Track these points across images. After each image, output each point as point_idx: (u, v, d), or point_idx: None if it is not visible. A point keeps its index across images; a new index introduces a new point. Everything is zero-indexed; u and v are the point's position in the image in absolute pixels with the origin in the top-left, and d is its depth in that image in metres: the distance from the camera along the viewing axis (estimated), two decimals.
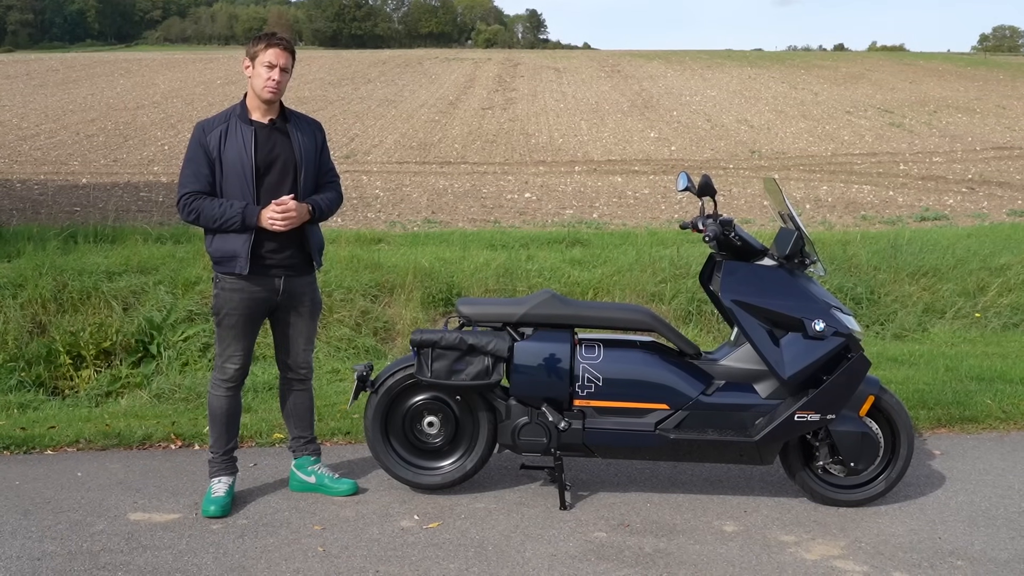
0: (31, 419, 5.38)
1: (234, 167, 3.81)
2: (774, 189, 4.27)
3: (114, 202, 14.06)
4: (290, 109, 4.02)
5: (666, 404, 3.95)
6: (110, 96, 32.59)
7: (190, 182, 3.83)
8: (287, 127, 3.93)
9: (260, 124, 3.88)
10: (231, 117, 3.88)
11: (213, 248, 3.89)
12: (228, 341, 3.95)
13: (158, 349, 7.66)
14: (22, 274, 8.25)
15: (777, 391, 3.95)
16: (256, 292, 3.90)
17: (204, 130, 3.86)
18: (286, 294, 3.96)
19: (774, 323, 3.89)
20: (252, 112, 3.90)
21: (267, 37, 3.90)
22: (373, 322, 8.26)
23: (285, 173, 3.88)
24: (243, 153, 3.81)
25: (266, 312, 4.00)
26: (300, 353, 4.11)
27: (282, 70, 3.85)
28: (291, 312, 4.03)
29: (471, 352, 3.91)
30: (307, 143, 3.95)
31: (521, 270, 9.07)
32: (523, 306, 4.05)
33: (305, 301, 4.04)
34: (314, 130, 4.05)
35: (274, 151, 3.86)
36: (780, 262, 3.99)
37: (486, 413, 4.10)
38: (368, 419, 4.11)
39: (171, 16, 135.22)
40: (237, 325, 3.92)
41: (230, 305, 3.90)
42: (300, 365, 4.14)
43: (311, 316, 4.10)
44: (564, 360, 3.94)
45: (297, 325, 4.06)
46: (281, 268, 3.92)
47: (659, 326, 4.05)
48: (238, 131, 3.83)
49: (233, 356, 3.97)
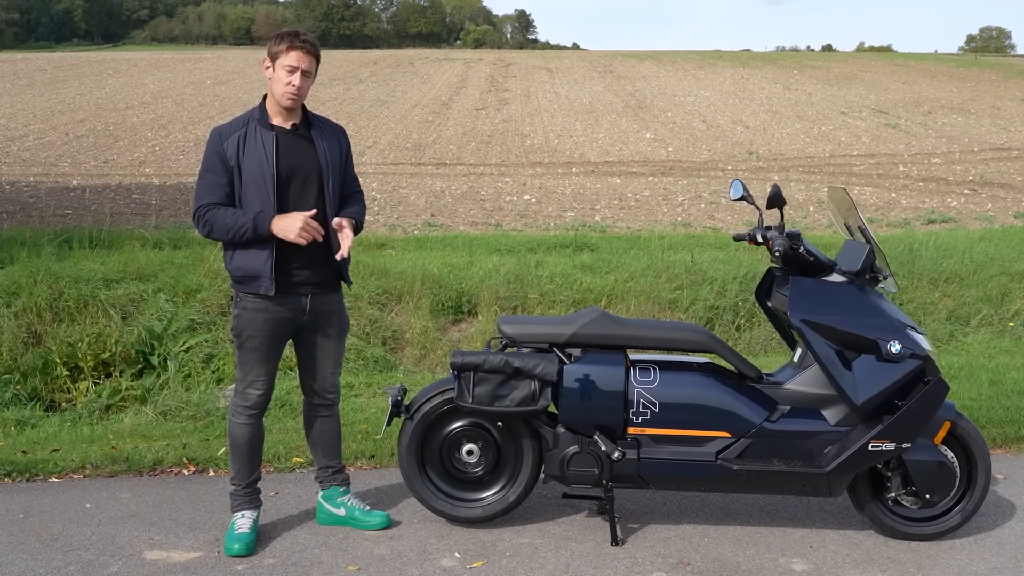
0: (31, 439, 5.07)
1: (254, 176, 3.50)
2: (841, 198, 3.99)
3: (108, 205, 13.71)
4: (313, 113, 3.72)
5: (727, 432, 3.66)
6: (99, 96, 32.13)
7: (206, 194, 3.52)
8: (311, 133, 3.63)
9: (281, 129, 3.57)
10: (249, 122, 3.57)
11: (233, 266, 3.59)
12: (250, 365, 3.65)
13: (159, 360, 7.37)
14: (16, 281, 7.94)
15: (847, 417, 3.66)
16: (281, 312, 3.60)
17: (220, 137, 3.54)
18: (312, 313, 3.67)
19: (845, 344, 3.60)
20: (272, 116, 3.59)
21: (290, 37, 3.55)
22: (381, 331, 7.99)
23: (309, 183, 3.58)
24: (263, 161, 3.50)
25: (291, 333, 3.71)
26: (328, 377, 3.81)
27: (304, 74, 3.53)
28: (317, 332, 3.73)
29: (516, 376, 3.59)
30: (332, 150, 3.66)
31: (531, 276, 8.82)
32: (571, 325, 3.74)
33: (333, 320, 3.76)
34: (339, 136, 3.75)
35: (297, 159, 3.56)
36: (850, 278, 3.72)
37: (530, 441, 3.80)
38: (403, 447, 3.80)
39: (158, 16, 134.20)
40: (260, 348, 3.62)
41: (253, 326, 3.60)
42: (327, 389, 3.83)
43: (339, 337, 3.80)
44: (618, 384, 3.65)
45: (324, 346, 3.76)
46: (308, 286, 3.63)
47: (717, 346, 3.76)
48: (257, 137, 3.52)
49: (256, 381, 3.66)
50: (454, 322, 8.39)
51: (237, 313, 3.63)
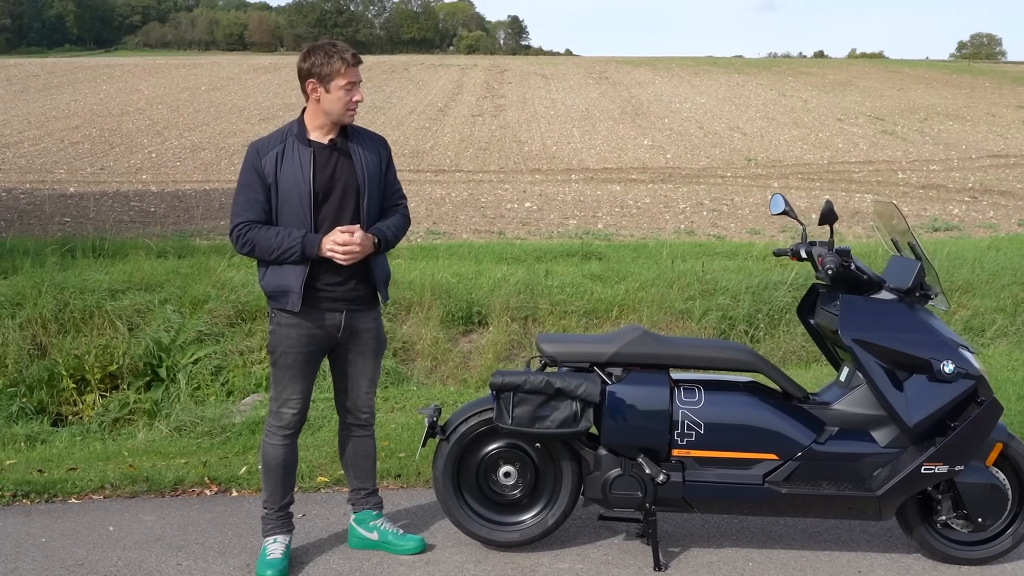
0: (44, 457, 4.95)
1: (290, 192, 3.42)
2: (891, 213, 3.89)
3: (112, 215, 13.57)
4: (353, 125, 3.60)
5: (775, 454, 3.55)
6: (93, 102, 31.94)
7: (244, 210, 3.44)
8: (348, 146, 3.53)
9: (319, 145, 3.48)
10: (288, 137, 3.48)
11: (265, 282, 3.51)
12: (285, 383, 3.55)
13: (167, 372, 7.26)
14: (20, 292, 7.82)
15: (897, 439, 3.56)
16: (314, 328, 3.52)
17: (259, 152, 3.46)
18: (348, 331, 3.57)
19: (896, 364, 3.51)
20: (311, 131, 3.50)
21: (341, 55, 3.43)
22: (392, 343, 7.88)
23: (346, 198, 3.49)
24: (300, 178, 3.42)
25: (326, 350, 3.62)
26: (362, 396, 3.71)
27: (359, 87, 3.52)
28: (352, 350, 3.63)
29: (557, 396, 3.48)
30: (371, 162, 3.55)
31: (541, 286, 8.73)
32: (613, 344, 3.63)
33: (368, 339, 3.65)
34: (378, 147, 3.63)
35: (335, 174, 3.47)
36: (900, 295, 3.62)
37: (570, 462, 3.68)
38: (438, 469, 3.69)
39: (151, 21, 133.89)
40: (295, 364, 3.53)
41: (287, 343, 3.51)
42: (362, 409, 3.73)
43: (374, 355, 3.70)
44: (663, 405, 3.54)
45: (358, 365, 3.66)
46: (343, 302, 3.53)
47: (763, 366, 3.65)
48: (295, 153, 3.44)
49: (291, 400, 3.56)
50: (464, 333, 8.29)
51: (272, 329, 3.55)
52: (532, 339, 8.19)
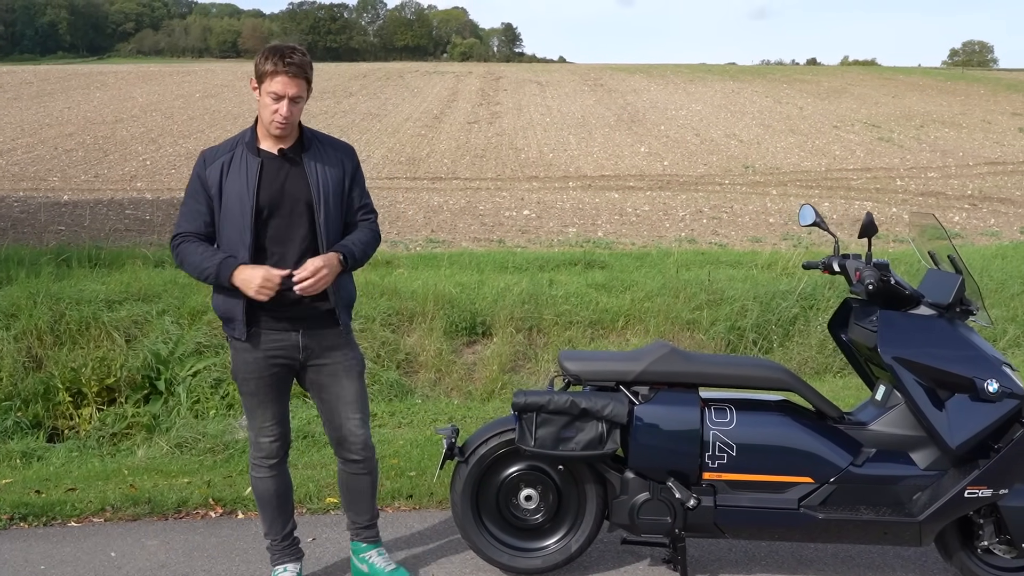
0: (41, 475, 4.78)
1: (232, 206, 3.12)
2: (927, 224, 3.75)
3: (107, 223, 13.40)
4: (314, 132, 3.30)
5: (810, 477, 3.40)
6: (87, 109, 31.75)
7: (184, 222, 3.19)
8: (302, 157, 3.19)
9: (269, 155, 3.17)
10: (238, 145, 3.19)
11: (215, 304, 3.25)
12: (254, 410, 3.29)
13: (166, 385, 7.09)
14: (15, 303, 7.67)
15: (938, 460, 3.41)
16: (270, 352, 3.21)
17: (205, 161, 3.17)
18: (309, 351, 3.25)
19: (938, 383, 3.35)
20: (262, 140, 3.20)
21: (274, 59, 3.07)
22: (395, 354, 7.74)
23: (297, 214, 3.15)
24: (244, 190, 3.10)
25: (288, 374, 3.31)
26: (348, 426, 3.32)
27: (292, 101, 3.09)
28: (322, 372, 3.29)
29: (583, 417, 3.32)
30: (330, 175, 3.21)
31: (545, 296, 8.60)
32: (640, 362, 3.48)
33: (337, 357, 3.29)
34: (342, 158, 3.28)
35: (283, 188, 3.14)
36: (940, 311, 3.48)
37: (594, 486, 3.52)
38: (456, 492, 3.52)
39: (144, 28, 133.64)
40: (259, 392, 3.25)
41: (245, 369, 3.23)
42: (352, 441, 3.34)
43: (348, 375, 3.30)
44: (694, 426, 3.38)
45: (333, 388, 3.30)
46: (300, 320, 3.21)
47: (797, 384, 3.50)
48: (243, 163, 3.14)
49: (264, 428, 3.30)
50: (468, 344, 8.15)
51: (232, 355, 3.29)
52: (537, 350, 8.04)
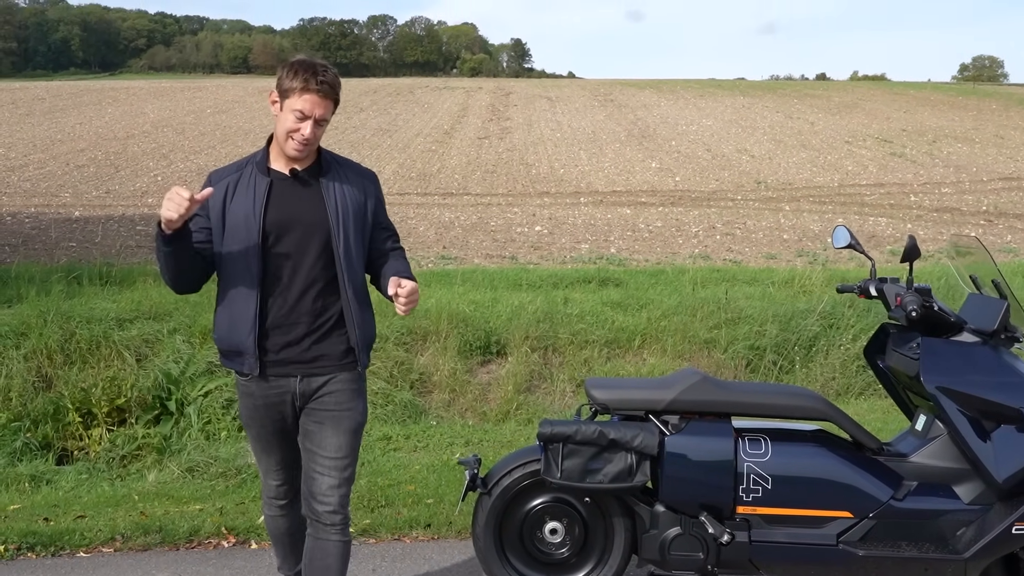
0: (50, 501, 4.69)
1: (237, 228, 2.86)
2: (969, 246, 3.63)
3: (118, 240, 13.36)
4: (334, 155, 3.03)
5: (849, 511, 3.27)
6: (99, 125, 31.84)
7: None
8: (319, 179, 2.93)
9: (280, 175, 2.92)
10: (247, 166, 2.95)
11: (217, 336, 2.96)
12: (258, 454, 3.11)
13: (177, 406, 7.01)
14: (25, 321, 7.59)
15: (983, 495, 3.27)
16: (269, 398, 2.94)
17: (210, 181, 2.94)
18: (304, 398, 2.93)
19: (983, 413, 3.23)
20: (274, 159, 2.94)
21: (305, 75, 2.81)
22: (408, 374, 7.64)
23: (310, 240, 2.88)
24: (250, 211, 2.86)
25: (292, 419, 2.99)
26: (320, 482, 2.91)
27: (317, 123, 2.83)
28: (311, 419, 2.94)
29: (611, 448, 3.21)
30: (351, 198, 2.94)
31: (560, 314, 8.49)
32: (670, 390, 3.36)
33: (329, 403, 2.93)
34: (364, 182, 3.02)
35: (294, 210, 2.88)
36: (984, 338, 3.35)
37: (622, 519, 3.40)
38: (479, 525, 3.40)
39: (156, 45, 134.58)
40: (261, 437, 3.03)
41: (246, 413, 3.02)
42: (321, 501, 2.92)
43: (336, 426, 2.93)
44: (727, 457, 3.26)
45: (314, 436, 2.93)
46: (297, 364, 2.91)
47: (834, 414, 3.38)
48: (250, 183, 2.89)
49: (271, 471, 3.11)
50: (483, 363, 8.04)
51: (238, 394, 3.05)
52: (553, 370, 7.94)
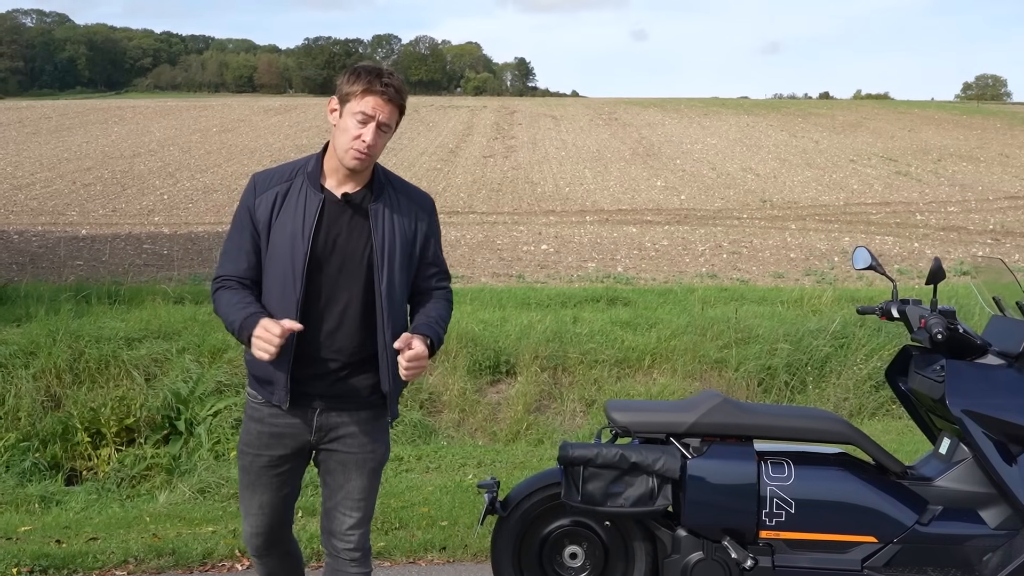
0: (61, 522, 4.66)
1: (282, 249, 2.62)
2: (996, 269, 3.60)
3: (125, 258, 13.35)
4: (388, 174, 2.76)
5: (874, 536, 3.23)
6: (105, 144, 31.96)
7: (227, 262, 2.69)
8: (368, 204, 2.67)
9: (332, 196, 2.66)
10: (297, 175, 2.68)
11: (249, 358, 2.70)
12: (242, 490, 2.80)
13: (186, 426, 6.98)
14: (34, 340, 7.59)
15: (1009, 520, 3.23)
16: (280, 427, 2.71)
17: (256, 188, 2.69)
18: (321, 432, 2.71)
19: (1009, 437, 3.19)
20: (328, 175, 2.68)
21: (368, 77, 2.60)
22: (418, 393, 7.61)
23: (351, 274, 2.64)
24: (299, 233, 2.60)
25: (297, 457, 2.77)
26: (340, 520, 2.73)
27: (381, 128, 2.59)
28: (332, 458, 2.74)
29: (633, 471, 3.17)
30: (399, 230, 2.67)
31: (570, 334, 8.47)
32: (692, 413, 3.33)
33: (351, 445, 2.71)
34: (416, 210, 2.74)
35: (338, 239, 2.63)
36: (1009, 361, 3.31)
37: (643, 543, 3.36)
38: (497, 549, 3.36)
39: (161, 64, 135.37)
40: (251, 469, 2.74)
41: (246, 438, 2.75)
42: (343, 539, 2.73)
43: (360, 468, 2.73)
44: (750, 481, 3.23)
45: (337, 477, 2.73)
46: (320, 399, 2.68)
47: (857, 437, 3.34)
48: (301, 197, 2.64)
49: (249, 515, 2.79)
50: (492, 383, 8.02)
51: (244, 422, 2.81)
52: (563, 389, 7.91)
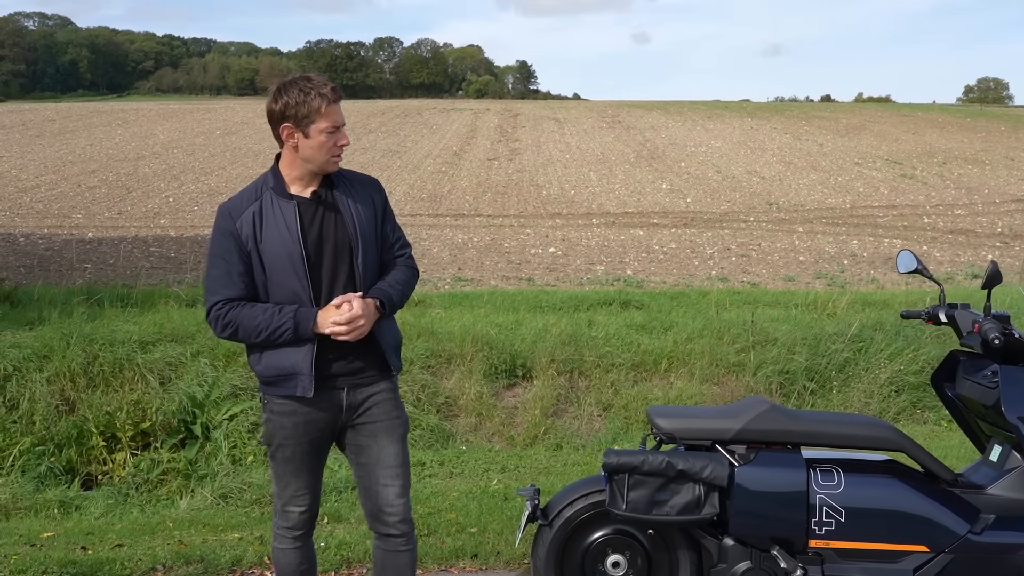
0: (84, 528, 4.60)
1: (278, 258, 2.84)
2: None
3: (133, 261, 13.32)
4: (340, 169, 3.02)
5: (925, 545, 3.17)
6: (109, 146, 31.94)
7: (221, 287, 2.85)
8: (335, 197, 2.94)
9: (302, 199, 2.91)
10: (263, 192, 2.91)
11: (263, 366, 2.91)
12: (287, 479, 3.00)
13: (202, 430, 6.92)
14: (47, 344, 7.53)
15: None
16: (313, 413, 2.92)
17: (231, 214, 2.87)
18: (351, 411, 2.96)
19: None
20: (290, 184, 2.92)
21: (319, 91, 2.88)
22: (434, 397, 7.55)
23: (339, 259, 2.90)
24: (288, 238, 2.84)
25: (330, 437, 3.02)
26: (386, 493, 2.98)
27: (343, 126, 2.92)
28: (362, 432, 2.99)
29: (679, 479, 3.12)
30: (364, 213, 2.96)
31: (585, 337, 8.41)
32: (738, 419, 3.26)
33: (378, 415, 2.98)
34: (371, 192, 3.04)
35: (321, 233, 2.89)
36: None
37: (688, 552, 3.30)
38: (539, 558, 3.30)
39: (163, 66, 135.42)
40: (295, 458, 2.96)
41: (283, 434, 2.93)
42: (390, 513, 2.98)
43: (390, 435, 2.99)
44: (800, 489, 3.16)
45: (372, 450, 2.98)
46: (344, 377, 2.93)
47: (907, 444, 3.28)
48: (275, 209, 2.87)
49: (296, 497, 3.01)
50: (508, 387, 7.96)
51: (266, 418, 2.98)
52: (579, 393, 7.85)
